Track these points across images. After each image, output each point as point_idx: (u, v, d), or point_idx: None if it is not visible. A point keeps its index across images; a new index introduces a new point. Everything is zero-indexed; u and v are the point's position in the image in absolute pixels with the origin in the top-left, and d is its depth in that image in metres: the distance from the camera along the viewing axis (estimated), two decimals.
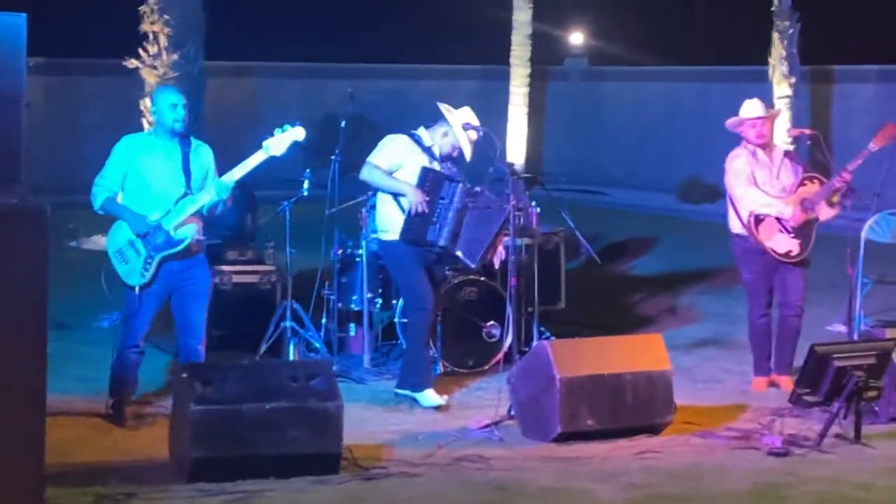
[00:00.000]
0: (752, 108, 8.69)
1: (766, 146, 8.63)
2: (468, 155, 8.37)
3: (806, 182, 8.60)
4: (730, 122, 8.71)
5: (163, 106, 7.50)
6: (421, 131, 8.39)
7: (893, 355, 7.57)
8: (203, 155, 7.60)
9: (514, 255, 8.28)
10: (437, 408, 8.17)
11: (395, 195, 8.24)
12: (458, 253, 8.32)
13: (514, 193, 8.34)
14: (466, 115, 8.36)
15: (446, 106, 8.36)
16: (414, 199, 8.14)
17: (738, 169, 8.55)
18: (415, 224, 8.19)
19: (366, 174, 8.32)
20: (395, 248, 8.31)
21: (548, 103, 20.22)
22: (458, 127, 8.27)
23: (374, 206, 8.78)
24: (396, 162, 8.26)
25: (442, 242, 8.21)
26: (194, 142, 7.61)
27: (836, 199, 8.54)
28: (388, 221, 8.33)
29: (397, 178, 8.23)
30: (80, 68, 17.48)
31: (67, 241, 13.13)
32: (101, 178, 7.51)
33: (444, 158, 8.37)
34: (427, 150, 8.32)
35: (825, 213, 8.60)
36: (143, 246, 7.42)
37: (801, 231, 8.55)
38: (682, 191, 17.54)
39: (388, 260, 8.58)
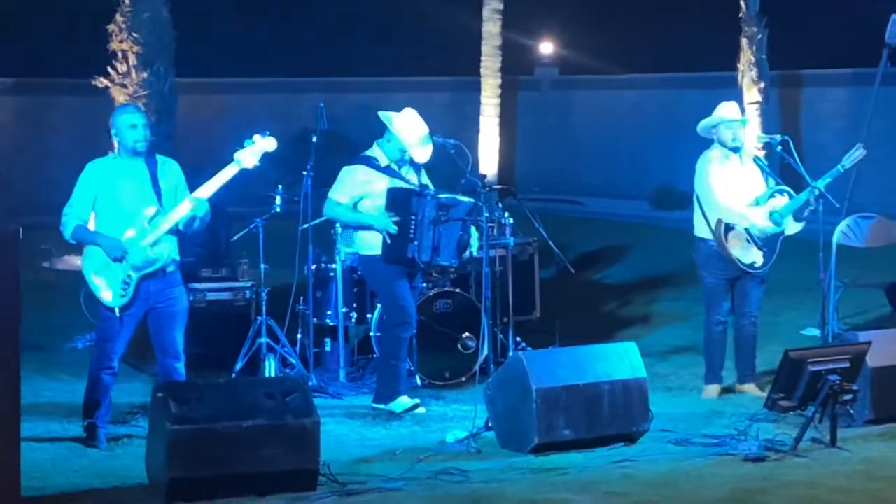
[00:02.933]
0: (728, 109, 8.73)
1: (738, 150, 8.66)
2: (419, 156, 8.36)
3: (776, 195, 8.65)
4: (704, 122, 8.71)
5: (122, 127, 7.44)
6: (375, 150, 8.41)
7: (867, 359, 7.61)
8: (170, 171, 7.57)
9: (487, 266, 8.31)
10: (413, 408, 8.24)
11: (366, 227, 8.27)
12: (443, 263, 8.37)
13: (487, 205, 8.36)
14: (409, 116, 8.35)
15: (385, 113, 8.39)
16: (381, 225, 8.19)
17: (712, 171, 8.56)
18: (394, 245, 8.22)
19: (329, 212, 8.40)
20: (377, 262, 8.34)
21: (519, 113, 20.23)
22: (398, 129, 8.26)
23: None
24: (357, 194, 8.30)
25: (425, 258, 8.24)
26: (160, 158, 7.58)
27: (806, 213, 8.59)
28: (367, 238, 8.35)
29: (360, 212, 8.27)
30: (49, 88, 17.40)
31: (40, 262, 13.07)
32: (69, 207, 7.44)
33: (401, 166, 8.36)
34: (386, 170, 8.33)
35: (791, 227, 8.66)
36: (120, 267, 7.38)
37: (767, 243, 8.60)
38: (655, 198, 17.58)
39: (369, 275, 8.60)
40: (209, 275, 9.67)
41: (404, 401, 8.30)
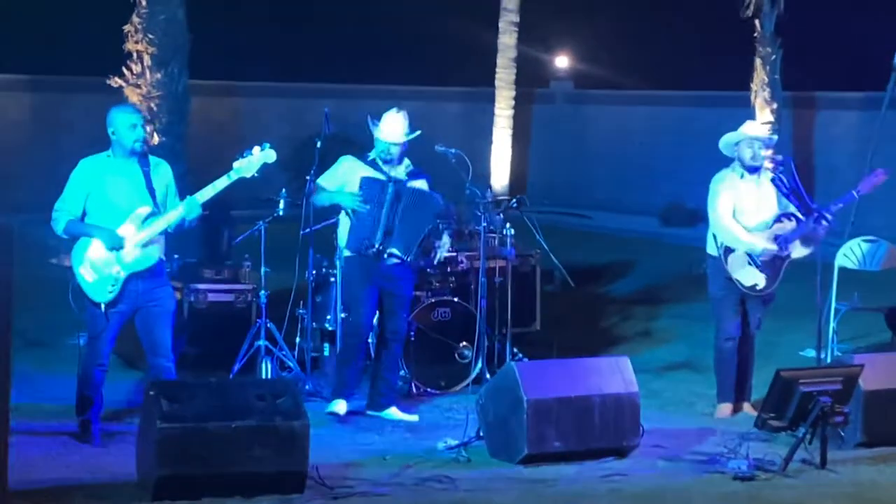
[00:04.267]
0: (752, 126, 8.78)
1: (757, 170, 8.64)
2: (394, 136, 8.39)
3: (783, 219, 8.64)
4: (726, 137, 8.67)
5: (121, 127, 7.50)
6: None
7: (861, 381, 7.62)
8: (163, 172, 7.64)
9: (484, 276, 8.33)
10: (336, 415, 8.33)
11: (343, 209, 8.41)
12: (394, 250, 8.36)
13: (486, 216, 8.39)
14: (392, 118, 8.45)
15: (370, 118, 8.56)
16: (346, 201, 8.34)
17: (721, 193, 8.57)
18: (357, 231, 8.34)
19: (314, 198, 8.55)
20: (347, 263, 8.51)
21: (533, 126, 20.28)
22: (383, 127, 8.39)
23: None
24: (341, 181, 8.47)
25: (376, 243, 8.30)
26: (153, 160, 7.64)
27: (816, 237, 8.58)
28: (343, 239, 8.49)
29: (332, 191, 8.45)
30: (65, 86, 17.50)
31: (49, 259, 13.14)
32: (61, 203, 7.50)
33: (386, 162, 8.45)
34: (371, 163, 8.49)
35: (798, 251, 8.65)
36: (108, 264, 7.42)
37: (770, 266, 8.60)
38: (664, 215, 17.60)
39: (342, 275, 8.72)
40: (211, 276, 9.72)
41: (338, 408, 8.39)
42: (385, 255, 8.35)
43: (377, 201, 8.33)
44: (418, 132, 8.52)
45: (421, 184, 8.53)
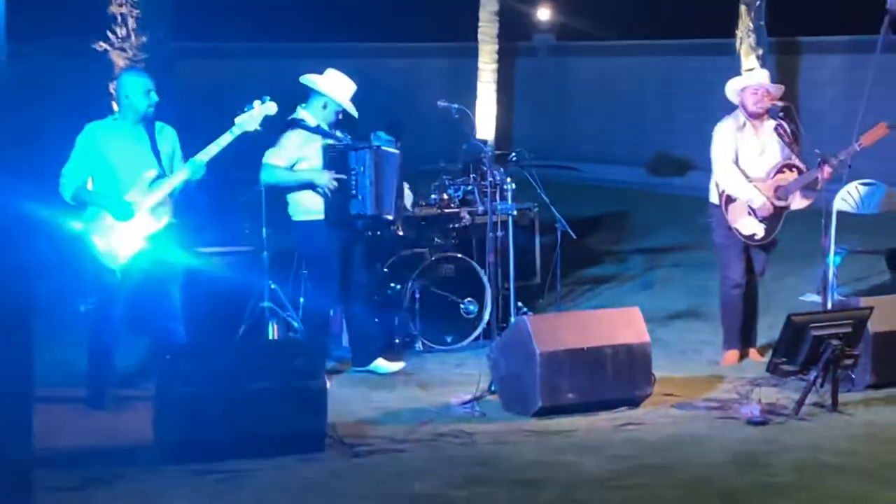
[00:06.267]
0: (757, 74, 8.79)
1: (760, 118, 8.63)
2: (354, 111, 8.27)
3: (784, 170, 8.64)
4: (732, 82, 8.62)
5: (136, 92, 7.43)
6: (302, 113, 8.23)
7: (868, 324, 7.67)
8: (168, 136, 7.60)
9: (491, 231, 8.31)
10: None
11: (317, 188, 8.12)
12: (389, 216, 8.27)
13: (490, 170, 8.36)
14: (334, 76, 8.28)
15: (310, 77, 8.27)
16: (323, 181, 8.05)
17: (723, 142, 8.57)
18: (336, 203, 8.08)
19: (267, 177, 8.21)
20: (319, 231, 8.20)
21: (516, 79, 20.23)
22: (332, 91, 8.18)
23: None
24: (293, 156, 8.15)
25: (370, 212, 8.12)
26: (158, 124, 7.59)
27: (818, 187, 8.58)
28: (303, 202, 8.21)
29: (299, 171, 8.15)
30: (48, 51, 17.33)
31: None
32: (68, 168, 7.44)
33: (332, 127, 8.24)
34: (317, 130, 8.17)
35: (798, 202, 8.67)
36: (121, 229, 7.39)
37: (770, 216, 8.62)
38: (652, 165, 17.61)
39: (307, 244, 8.39)
40: (212, 238, 9.67)
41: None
42: (378, 221, 8.25)
43: (357, 169, 8.03)
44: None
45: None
